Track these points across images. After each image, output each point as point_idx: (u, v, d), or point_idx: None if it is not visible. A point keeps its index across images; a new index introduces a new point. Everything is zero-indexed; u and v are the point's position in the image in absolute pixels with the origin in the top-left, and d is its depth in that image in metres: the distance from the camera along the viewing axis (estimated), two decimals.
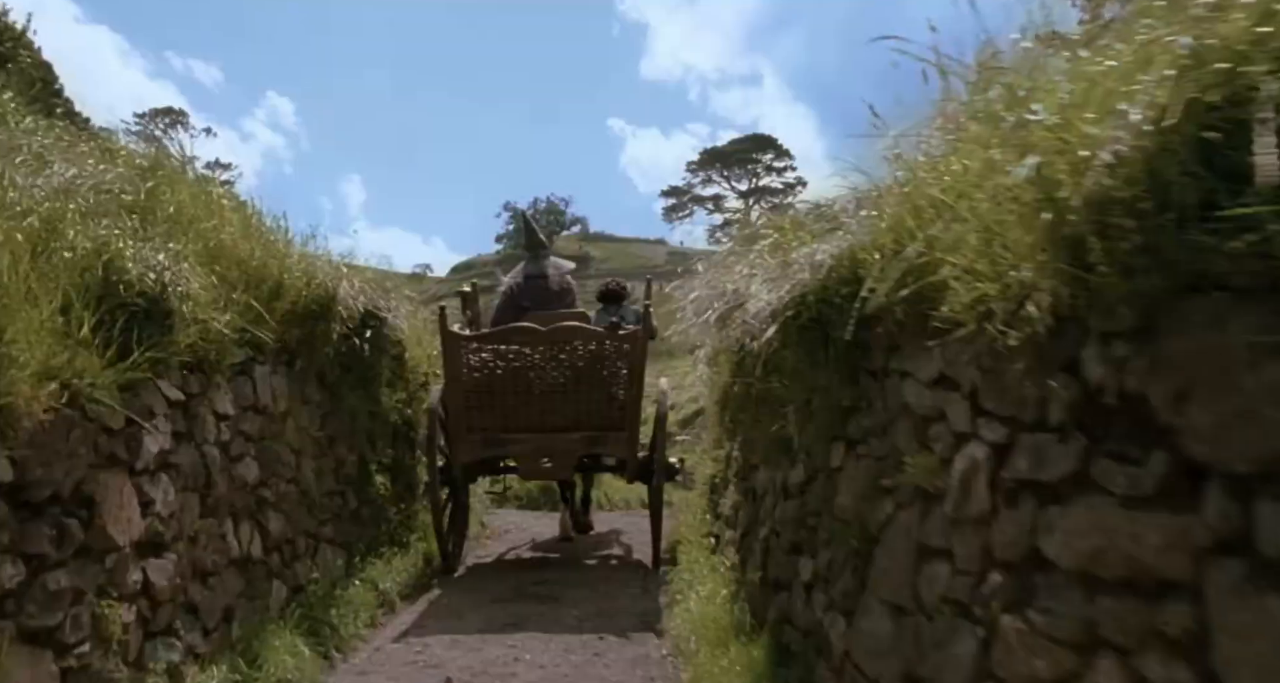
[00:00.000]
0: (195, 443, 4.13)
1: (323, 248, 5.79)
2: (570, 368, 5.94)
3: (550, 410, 5.89)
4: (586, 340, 6.04)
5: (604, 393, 6.02)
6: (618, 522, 9.47)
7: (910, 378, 2.71)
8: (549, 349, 5.96)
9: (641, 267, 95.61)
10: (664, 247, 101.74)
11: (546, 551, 7.77)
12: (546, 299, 6.74)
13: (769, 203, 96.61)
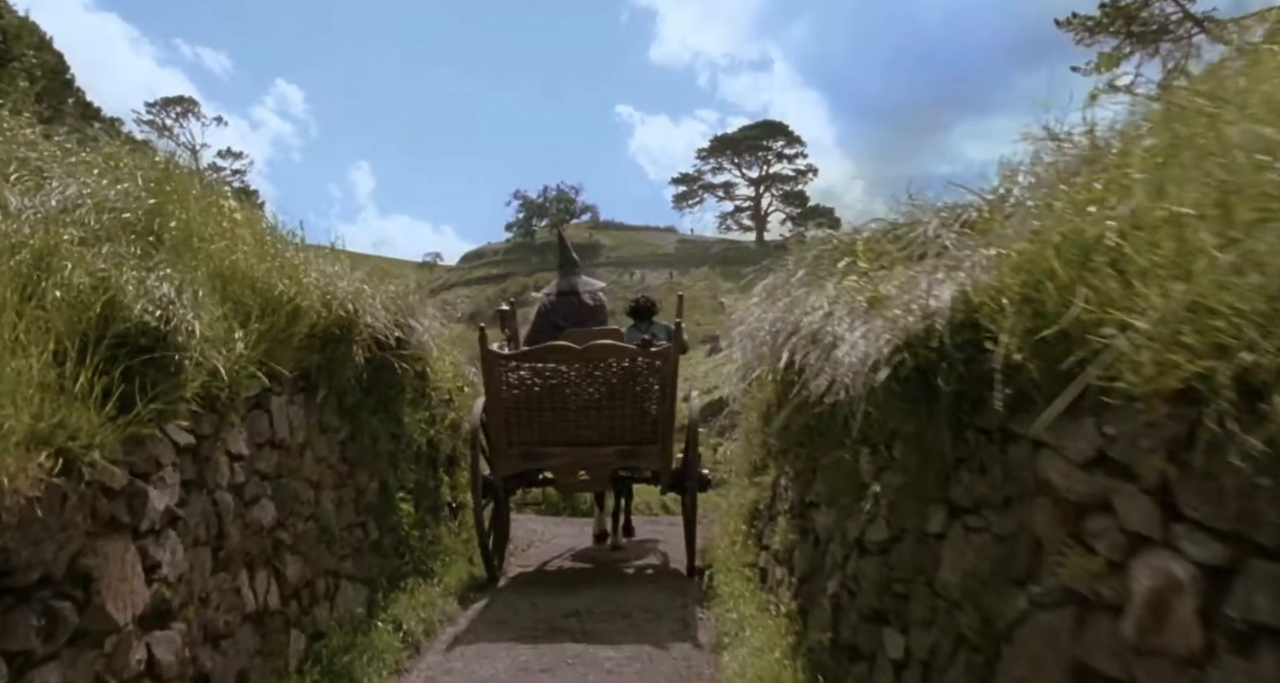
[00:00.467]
0: (207, 490, 3.73)
1: (336, 237, 5.52)
2: (605, 385, 6.12)
3: (586, 425, 6.11)
4: (620, 358, 6.18)
5: (637, 408, 6.18)
6: (641, 527, 9.27)
7: (1052, 451, 2.28)
8: (584, 367, 6.13)
9: (651, 254, 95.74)
10: (674, 234, 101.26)
11: (584, 560, 7.84)
12: (580, 316, 6.96)
13: (780, 190, 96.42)
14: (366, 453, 5.65)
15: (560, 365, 6.14)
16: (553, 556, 8.43)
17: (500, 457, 6.25)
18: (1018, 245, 2.49)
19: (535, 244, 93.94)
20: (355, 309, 4.96)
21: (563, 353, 6.14)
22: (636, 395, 6.19)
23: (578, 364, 6.13)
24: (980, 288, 2.57)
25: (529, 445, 6.22)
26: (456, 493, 7.52)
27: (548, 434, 6.16)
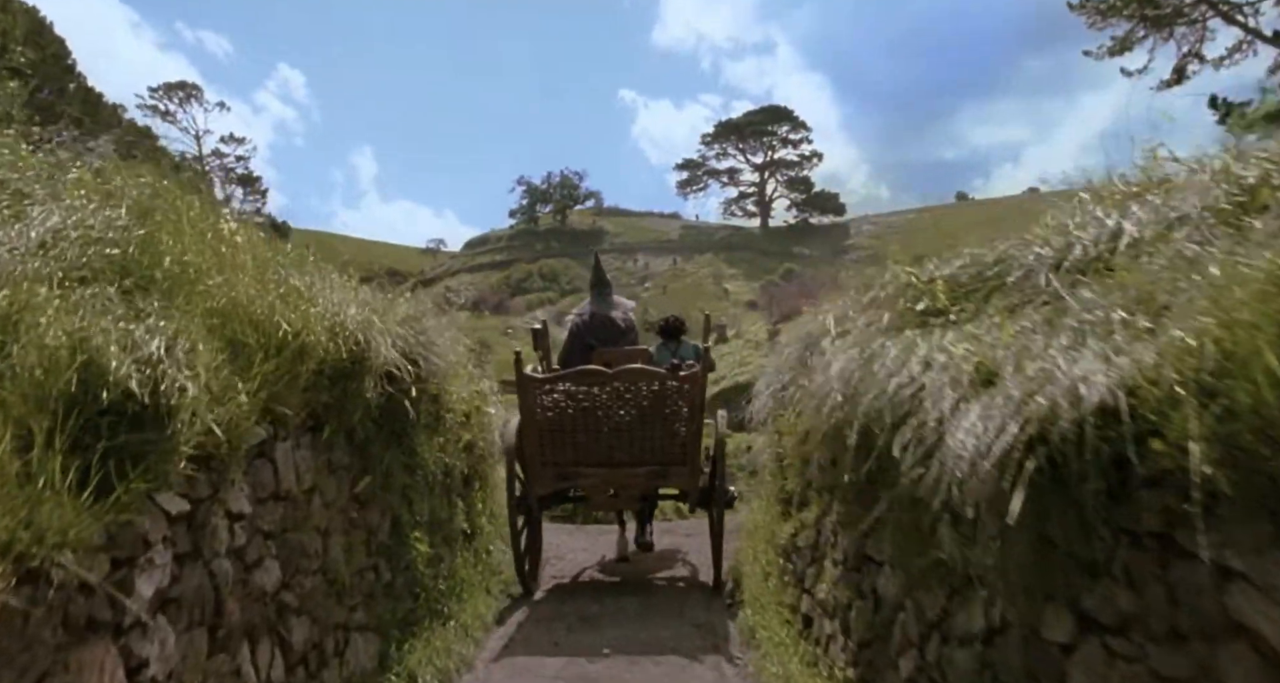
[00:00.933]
0: (203, 561, 3.29)
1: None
2: (635, 407, 6.29)
3: (617, 446, 6.30)
4: (650, 381, 6.31)
5: (666, 430, 6.33)
6: (660, 536, 9.13)
7: (1255, 589, 1.83)
8: (616, 389, 6.28)
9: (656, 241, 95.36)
10: (678, 221, 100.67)
11: (608, 574, 7.80)
12: (611, 336, 7.14)
13: (784, 175, 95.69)
14: (378, 488, 5.21)
15: (593, 388, 6.29)
16: (572, 574, 8.11)
17: (535, 476, 6.46)
18: (1195, 314, 2.03)
19: (539, 230, 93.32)
20: (366, 341, 4.51)
21: (595, 376, 6.29)
22: (666, 418, 6.33)
23: (609, 387, 6.27)
24: (1140, 367, 2.11)
25: (563, 466, 6.42)
26: (473, 517, 7.09)
27: (581, 455, 6.35)
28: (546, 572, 8.18)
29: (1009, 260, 3.26)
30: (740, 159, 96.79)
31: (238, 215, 4.43)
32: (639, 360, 6.74)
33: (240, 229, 4.28)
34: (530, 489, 6.63)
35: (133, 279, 3.25)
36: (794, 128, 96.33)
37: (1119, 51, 31.66)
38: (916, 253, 4.88)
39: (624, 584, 7.46)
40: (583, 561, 8.66)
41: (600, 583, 7.71)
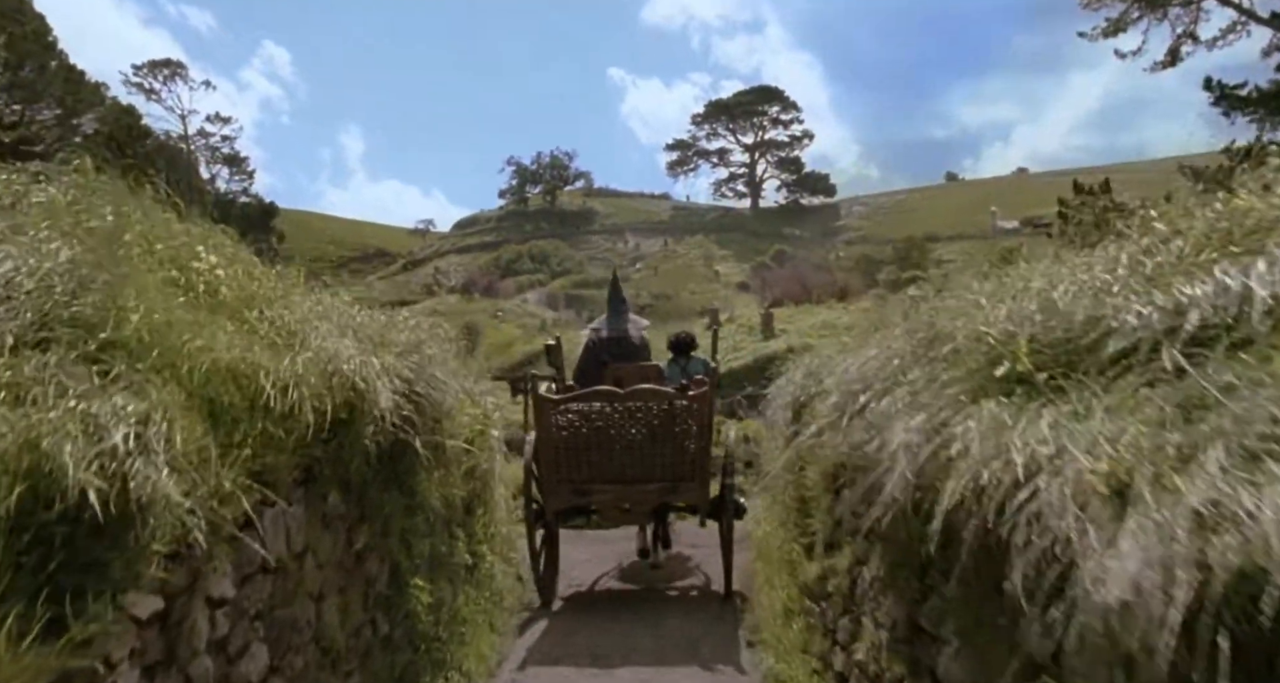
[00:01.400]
0: (178, 667, 2.86)
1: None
2: (646, 426, 6.48)
3: (630, 464, 6.50)
4: (660, 401, 6.50)
5: (677, 447, 6.52)
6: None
7: None
8: (627, 409, 6.47)
9: (646, 222, 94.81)
10: (668, 202, 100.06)
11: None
12: (625, 353, 7.36)
13: (775, 156, 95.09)
14: (376, 534, 4.78)
15: (605, 407, 6.50)
16: (579, 590, 7.85)
17: (552, 492, 6.65)
18: None
19: (528, 211, 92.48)
20: (365, 383, 4.05)
21: (607, 396, 6.50)
22: (676, 436, 6.52)
23: (621, 407, 6.47)
24: None
25: (578, 483, 6.61)
26: (474, 545, 6.68)
27: (595, 472, 6.56)
28: (560, 582, 7.85)
29: (1104, 321, 2.82)
30: (730, 139, 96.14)
31: (220, 248, 3.91)
32: (651, 377, 6.95)
33: (220, 262, 3.79)
34: (547, 504, 6.80)
35: (97, 341, 2.79)
36: (784, 108, 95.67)
37: (1113, 33, 31.37)
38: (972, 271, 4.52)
39: (637, 615, 7.04)
40: (589, 573, 8.36)
41: (613, 611, 7.35)
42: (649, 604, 7.35)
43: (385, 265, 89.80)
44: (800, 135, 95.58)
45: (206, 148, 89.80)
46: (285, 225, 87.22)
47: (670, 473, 6.59)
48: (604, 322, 7.83)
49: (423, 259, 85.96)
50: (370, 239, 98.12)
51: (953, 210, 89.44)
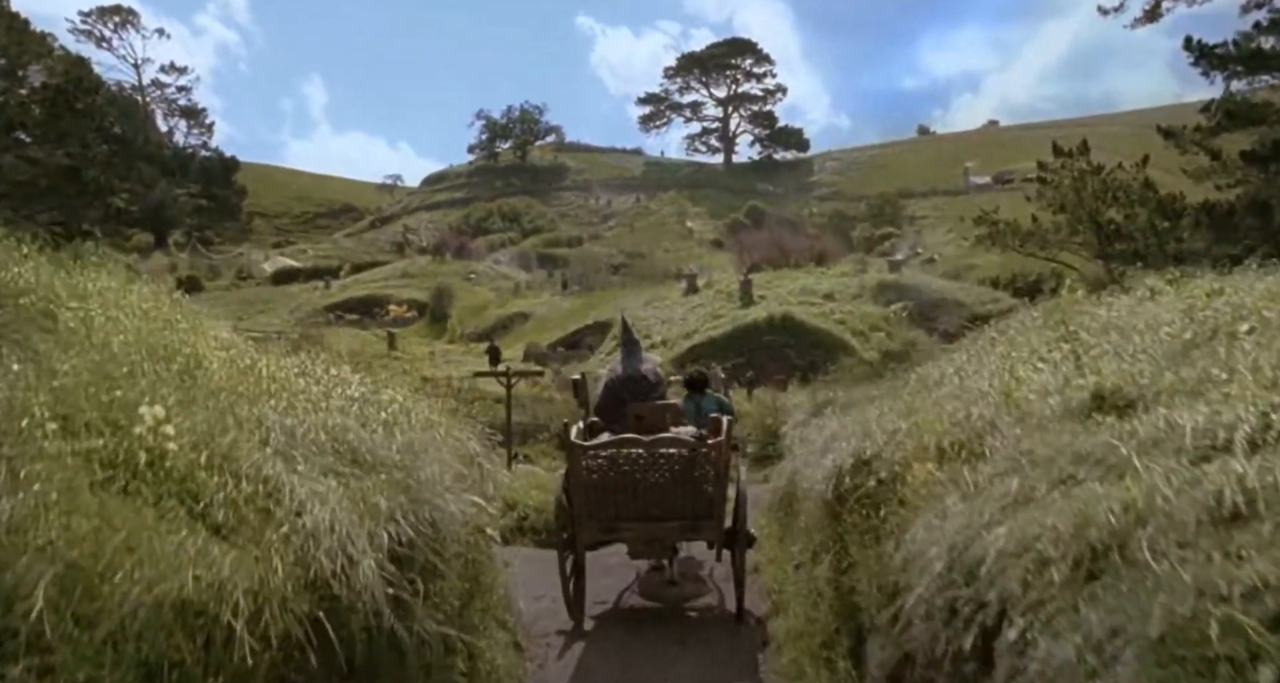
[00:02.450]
0: None
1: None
2: (668, 471, 7.01)
3: (653, 504, 7.02)
4: (680, 448, 7.05)
5: (695, 490, 7.03)
6: None
7: None
8: (651, 455, 6.99)
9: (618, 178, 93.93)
10: (640, 157, 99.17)
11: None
12: (642, 391, 7.85)
13: (748, 110, 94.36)
14: None
15: (630, 453, 7.04)
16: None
17: (582, 529, 7.18)
18: None
19: (498, 167, 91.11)
20: (348, 572, 3.09)
21: (633, 445, 7.05)
22: (695, 479, 7.00)
23: (645, 453, 7.01)
24: None
25: (605, 520, 7.13)
26: None
27: (620, 511, 7.08)
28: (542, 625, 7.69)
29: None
30: (703, 93, 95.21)
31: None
32: (668, 415, 7.50)
33: (170, 410, 2.93)
34: (577, 538, 7.30)
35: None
36: (758, 61, 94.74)
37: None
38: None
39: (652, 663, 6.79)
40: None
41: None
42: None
43: (353, 222, 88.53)
44: (774, 89, 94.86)
45: (162, 100, 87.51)
46: (248, 180, 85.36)
47: (690, 513, 7.08)
48: (620, 362, 8.41)
49: (391, 216, 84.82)
50: (337, 194, 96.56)
51: (925, 165, 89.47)
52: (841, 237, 70.38)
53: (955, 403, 3.90)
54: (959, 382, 4.54)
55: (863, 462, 3.97)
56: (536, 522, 9.11)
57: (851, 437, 4.25)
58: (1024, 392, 3.53)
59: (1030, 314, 5.68)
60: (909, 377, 5.82)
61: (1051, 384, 3.45)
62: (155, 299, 4.54)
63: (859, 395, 5.87)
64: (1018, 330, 5.35)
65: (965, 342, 7.54)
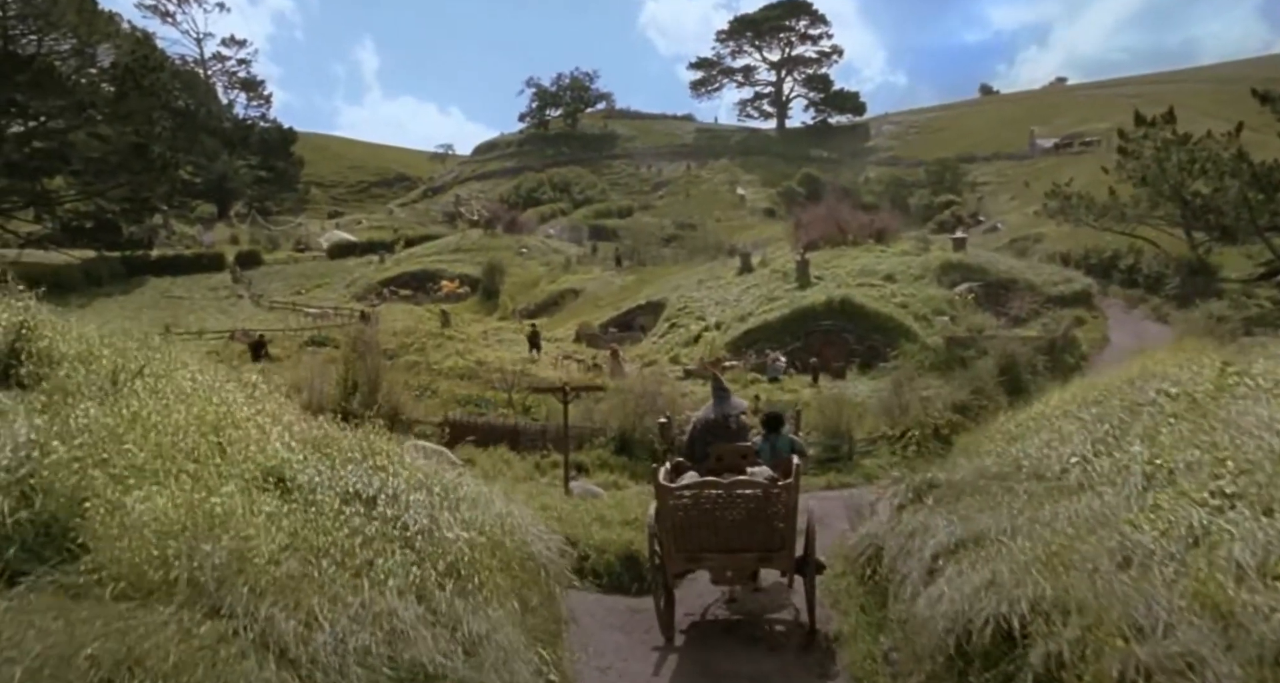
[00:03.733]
0: None
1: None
2: (745, 509, 7.67)
3: (731, 538, 7.72)
4: (755, 489, 7.68)
5: (768, 526, 7.70)
6: None
7: None
8: (730, 495, 7.66)
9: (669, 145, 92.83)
10: (692, 123, 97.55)
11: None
12: (725, 435, 8.53)
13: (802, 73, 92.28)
14: None
15: (712, 492, 7.67)
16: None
17: (670, 559, 7.86)
18: None
19: (549, 135, 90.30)
20: None
21: (714, 486, 7.69)
22: (768, 517, 7.65)
23: (725, 493, 7.64)
24: None
25: (690, 552, 7.81)
26: None
27: (704, 544, 7.77)
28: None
29: None
30: (756, 56, 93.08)
31: None
32: (747, 456, 8.13)
33: None
34: (666, 565, 7.95)
35: None
36: (813, 22, 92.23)
37: None
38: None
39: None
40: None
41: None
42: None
43: (406, 191, 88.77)
44: (829, 51, 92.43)
45: (223, 72, 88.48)
46: (304, 150, 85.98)
47: (764, 546, 7.77)
48: (709, 408, 9.04)
49: (443, 185, 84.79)
50: (390, 163, 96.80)
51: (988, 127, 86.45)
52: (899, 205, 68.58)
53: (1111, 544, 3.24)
54: (1098, 500, 3.91)
55: (1004, 635, 3.40)
56: (599, 563, 8.61)
57: (981, 589, 3.63)
58: (1220, 577, 2.86)
59: (1163, 388, 5.00)
60: (1013, 453, 5.25)
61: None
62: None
63: (965, 480, 5.23)
64: (1153, 414, 4.70)
65: (1071, 394, 6.96)
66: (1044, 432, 5.68)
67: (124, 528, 2.59)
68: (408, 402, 16.80)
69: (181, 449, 3.19)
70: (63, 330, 4.73)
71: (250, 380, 5.33)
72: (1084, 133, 75.23)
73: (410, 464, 4.87)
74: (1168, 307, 31.17)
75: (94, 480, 2.59)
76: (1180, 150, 31.04)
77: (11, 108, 43.54)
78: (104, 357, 4.42)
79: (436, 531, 3.76)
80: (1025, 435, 6.08)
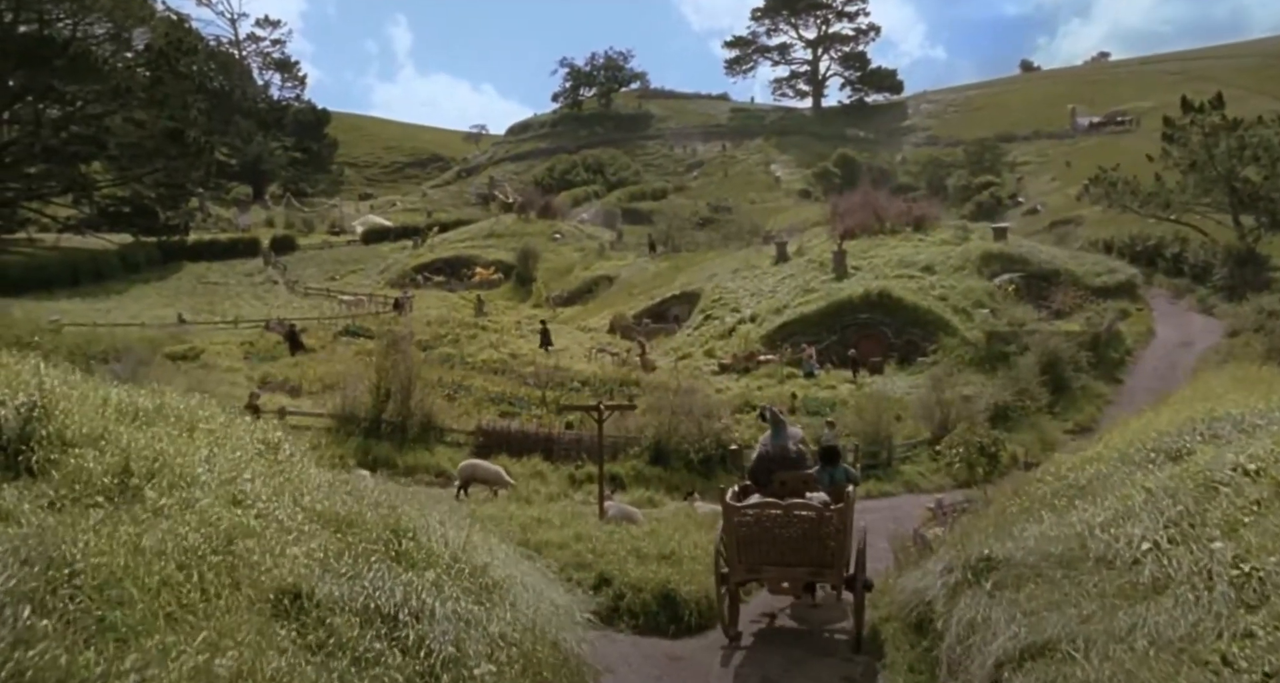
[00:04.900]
0: None
1: None
2: (800, 528, 8.48)
3: (789, 553, 8.56)
4: (810, 511, 8.50)
5: (821, 545, 8.47)
6: None
7: None
8: (787, 516, 8.49)
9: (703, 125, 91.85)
10: (727, 103, 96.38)
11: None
12: (786, 464, 9.43)
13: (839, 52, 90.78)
14: None
15: (773, 512, 8.57)
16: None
17: (733, 569, 8.75)
18: None
19: (582, 115, 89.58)
20: None
21: (773, 507, 8.60)
22: (821, 536, 8.44)
23: (782, 514, 8.50)
24: None
25: (750, 564, 8.69)
26: None
27: (763, 558, 8.65)
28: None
29: None
30: (792, 34, 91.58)
31: None
32: (808, 483, 9.02)
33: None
34: (730, 576, 8.82)
35: None
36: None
37: None
38: None
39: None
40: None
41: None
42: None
43: (439, 172, 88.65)
44: (866, 29, 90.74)
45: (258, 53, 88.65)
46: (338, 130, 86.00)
47: (816, 562, 8.58)
48: (768, 439, 9.97)
49: (476, 166, 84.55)
50: (424, 144, 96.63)
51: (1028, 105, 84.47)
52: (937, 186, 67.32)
53: None
54: (1179, 610, 3.54)
55: None
56: (634, 602, 8.38)
57: None
58: None
59: (1240, 461, 4.59)
60: (1076, 526, 4.88)
61: None
62: None
63: (1026, 561, 4.84)
64: (1232, 498, 4.31)
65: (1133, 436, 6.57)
66: (1107, 494, 5.33)
67: None
68: (440, 409, 16.65)
69: (190, 581, 2.98)
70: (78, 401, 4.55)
71: (274, 440, 5.11)
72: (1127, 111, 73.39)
73: (440, 538, 4.63)
74: (1215, 298, 30.34)
75: (88, 659, 2.39)
76: (1230, 136, 30.00)
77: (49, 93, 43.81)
78: (118, 436, 4.22)
79: (464, 663, 3.54)
80: (1086, 493, 5.73)
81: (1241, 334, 24.76)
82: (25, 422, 4.17)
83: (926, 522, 12.22)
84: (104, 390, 5.06)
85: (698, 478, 15.28)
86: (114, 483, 3.72)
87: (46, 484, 3.74)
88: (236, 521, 3.57)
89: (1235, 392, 7.91)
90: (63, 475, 3.77)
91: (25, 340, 23.45)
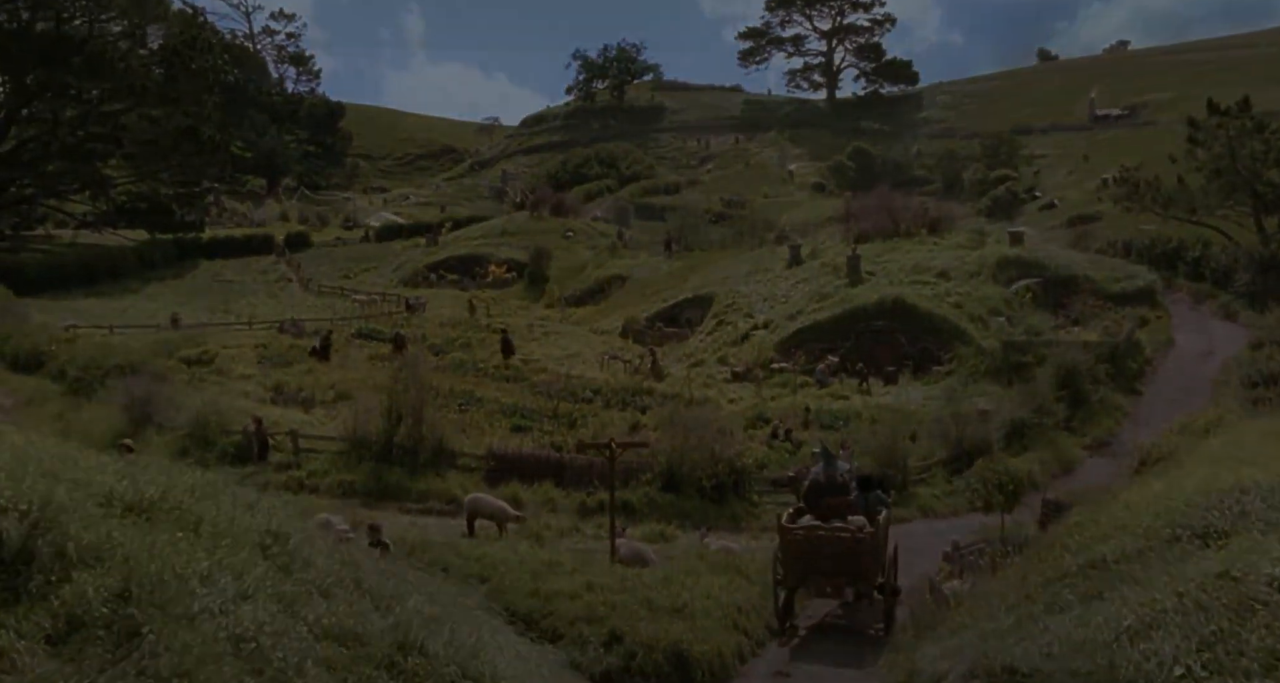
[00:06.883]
0: None
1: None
2: (839, 545, 10.69)
3: (829, 566, 10.87)
4: (848, 533, 10.69)
5: (857, 560, 10.66)
6: None
7: None
8: (830, 535, 10.77)
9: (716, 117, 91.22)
10: (739, 95, 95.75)
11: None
12: (833, 491, 11.28)
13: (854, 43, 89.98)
14: None
15: (819, 531, 10.80)
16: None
17: (785, 577, 11.01)
18: None
19: (596, 108, 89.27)
20: None
21: (819, 529, 10.81)
22: (857, 553, 10.62)
23: (829, 533, 10.71)
24: None
25: (798, 573, 10.96)
26: None
27: (808, 568, 10.93)
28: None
29: None
30: (806, 26, 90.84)
31: None
32: (853, 508, 11.08)
33: None
34: (784, 582, 11.06)
35: None
36: None
37: None
38: None
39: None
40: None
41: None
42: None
43: (453, 164, 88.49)
44: (881, 19, 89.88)
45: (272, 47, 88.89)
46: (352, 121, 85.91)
47: (852, 573, 10.89)
48: (819, 469, 11.74)
49: (489, 160, 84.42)
50: (437, 136, 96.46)
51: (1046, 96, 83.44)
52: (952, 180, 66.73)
53: None
54: None
55: None
56: (646, 663, 8.22)
57: None
58: None
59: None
60: (1101, 636, 4.74)
61: None
62: None
63: (1055, 677, 4.71)
64: (1269, 622, 4.17)
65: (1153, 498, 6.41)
66: (1133, 586, 5.20)
67: None
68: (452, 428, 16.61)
69: None
70: (81, 500, 4.47)
71: (281, 533, 5.04)
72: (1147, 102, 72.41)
73: (448, 644, 4.56)
74: (1237, 303, 29.92)
75: None
76: (1256, 139, 29.52)
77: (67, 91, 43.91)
78: (117, 548, 4.14)
79: None
80: (1111, 579, 5.60)
81: (1265, 347, 24.32)
82: (27, 536, 4.09)
83: (943, 574, 12.22)
84: (107, 480, 4.98)
85: (710, 505, 15.25)
86: (112, 613, 3.66)
87: (45, 612, 3.68)
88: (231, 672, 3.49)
89: (1265, 446, 7.73)
90: (61, 602, 3.70)
91: (42, 350, 23.69)
